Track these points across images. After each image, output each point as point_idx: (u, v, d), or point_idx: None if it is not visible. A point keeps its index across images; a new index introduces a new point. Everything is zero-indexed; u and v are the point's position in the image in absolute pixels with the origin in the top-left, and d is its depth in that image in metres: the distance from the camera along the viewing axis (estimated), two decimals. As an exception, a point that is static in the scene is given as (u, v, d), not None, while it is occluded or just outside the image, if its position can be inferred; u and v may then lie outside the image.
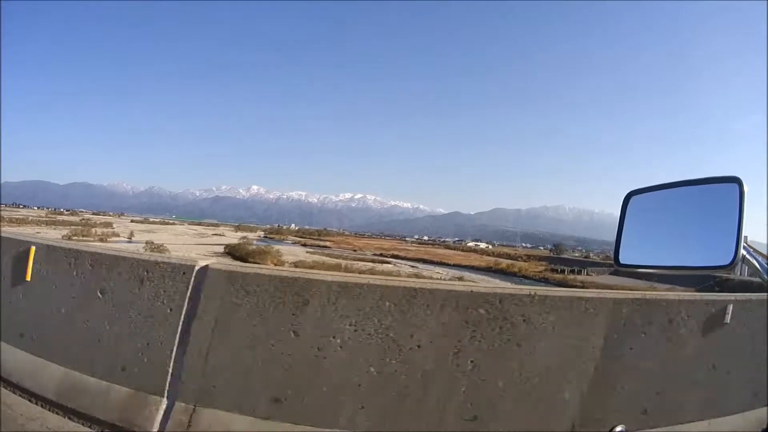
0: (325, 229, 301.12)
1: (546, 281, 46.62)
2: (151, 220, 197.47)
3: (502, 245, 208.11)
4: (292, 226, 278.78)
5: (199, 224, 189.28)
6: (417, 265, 52.92)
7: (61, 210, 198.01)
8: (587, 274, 58.98)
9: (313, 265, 32.76)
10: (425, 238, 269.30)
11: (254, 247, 43.51)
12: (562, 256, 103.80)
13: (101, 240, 57.26)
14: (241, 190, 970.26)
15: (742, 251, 0.76)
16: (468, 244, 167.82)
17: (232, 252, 42.91)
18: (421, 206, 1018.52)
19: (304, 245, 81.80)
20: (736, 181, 0.80)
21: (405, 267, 48.44)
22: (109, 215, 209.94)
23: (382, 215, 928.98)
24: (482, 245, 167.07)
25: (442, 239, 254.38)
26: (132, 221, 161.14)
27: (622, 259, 0.98)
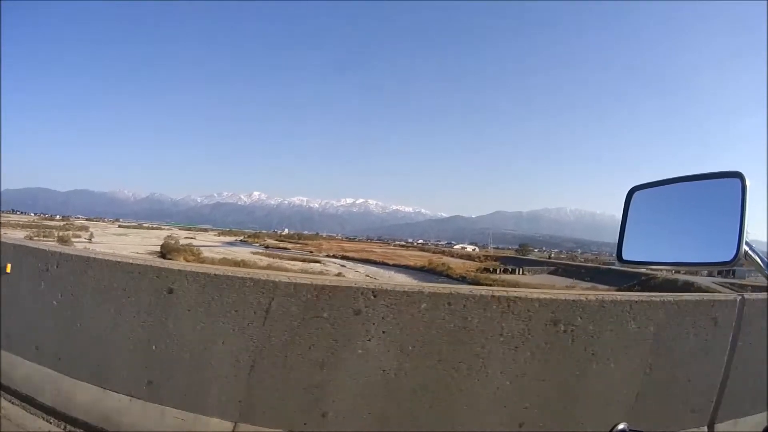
0: (317, 233, 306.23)
1: (463, 279, 48.34)
2: (145, 225, 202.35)
3: (497, 248, 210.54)
4: (285, 230, 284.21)
5: (189, 229, 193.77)
6: (346, 264, 55.32)
7: (53, 216, 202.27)
8: (521, 273, 60.73)
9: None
10: (420, 241, 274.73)
11: (180, 245, 46.27)
12: (527, 256, 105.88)
13: (60, 240, 60.67)
14: (242, 196, 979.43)
15: (744, 247, 0.75)
16: (455, 247, 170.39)
17: (162, 250, 45.65)
18: (423, 210, 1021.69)
19: (267, 247, 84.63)
20: (738, 176, 0.80)
21: (333, 266, 50.81)
22: (103, 221, 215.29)
23: (383, 219, 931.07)
24: (469, 248, 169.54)
25: (437, 242, 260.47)
26: (120, 226, 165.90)
27: (625, 256, 0.97)
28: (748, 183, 0.78)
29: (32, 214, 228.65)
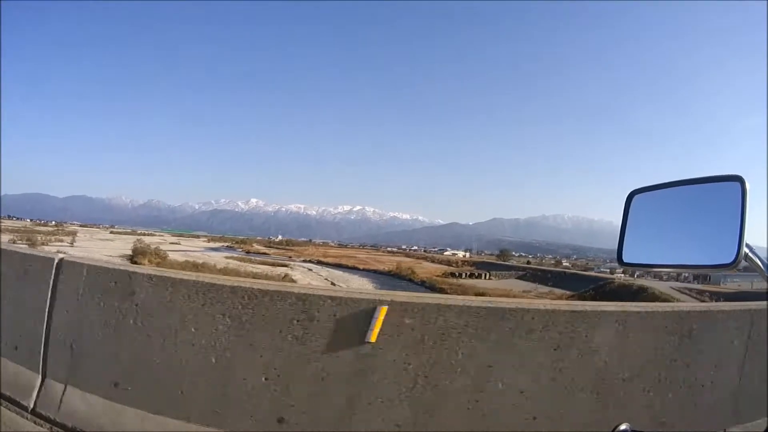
0: (311, 240, 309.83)
1: (422, 283, 50.14)
2: (139, 232, 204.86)
3: (490, 254, 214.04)
4: (279, 237, 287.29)
5: (181, 235, 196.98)
6: (313, 268, 57.55)
7: (47, 222, 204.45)
8: (487, 278, 62.59)
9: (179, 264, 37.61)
10: (414, 248, 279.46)
11: (149, 249, 48.39)
12: (508, 262, 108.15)
13: (42, 244, 62.87)
14: (240, 203, 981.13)
15: (745, 249, 0.76)
16: (445, 254, 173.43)
17: (132, 253, 47.74)
18: (420, 217, 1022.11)
19: (248, 252, 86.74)
20: (738, 179, 0.80)
21: (299, 270, 52.93)
22: (98, 227, 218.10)
23: (381, 227, 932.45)
24: (460, 254, 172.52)
25: (429, 249, 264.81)
26: (111, 232, 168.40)
27: (626, 258, 0.98)
28: (748, 186, 0.78)
29: (28, 220, 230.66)
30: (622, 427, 0.77)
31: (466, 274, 62.49)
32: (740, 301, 2.68)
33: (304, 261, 73.35)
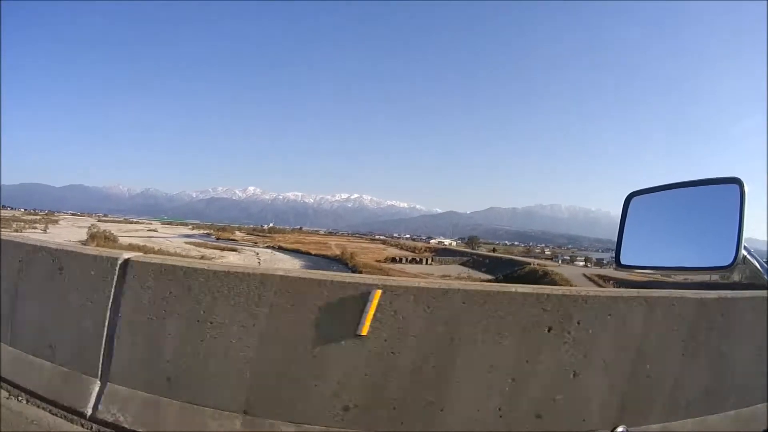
0: (301, 227, 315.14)
1: (354, 267, 53.74)
2: (132, 220, 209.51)
3: (482, 242, 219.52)
4: (271, 224, 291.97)
5: (169, 224, 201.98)
6: (259, 251, 62.08)
7: (39, 211, 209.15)
8: (428, 263, 66.43)
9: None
10: (406, 236, 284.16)
11: (100, 233, 52.65)
12: (477, 249, 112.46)
13: (16, 230, 67.41)
14: (237, 191, 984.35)
15: (743, 252, 0.76)
16: (431, 242, 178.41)
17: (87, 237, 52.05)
18: (418, 206, 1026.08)
19: (218, 239, 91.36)
20: (736, 182, 0.80)
21: (246, 254, 57.23)
22: (90, 216, 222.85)
23: (378, 215, 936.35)
24: (446, 242, 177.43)
25: (414, 237, 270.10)
26: (99, 221, 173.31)
27: (623, 260, 0.98)
28: (746, 189, 0.78)
29: (21, 210, 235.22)
30: (620, 429, 0.79)
31: (407, 259, 66.46)
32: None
33: (267, 247, 77.71)
